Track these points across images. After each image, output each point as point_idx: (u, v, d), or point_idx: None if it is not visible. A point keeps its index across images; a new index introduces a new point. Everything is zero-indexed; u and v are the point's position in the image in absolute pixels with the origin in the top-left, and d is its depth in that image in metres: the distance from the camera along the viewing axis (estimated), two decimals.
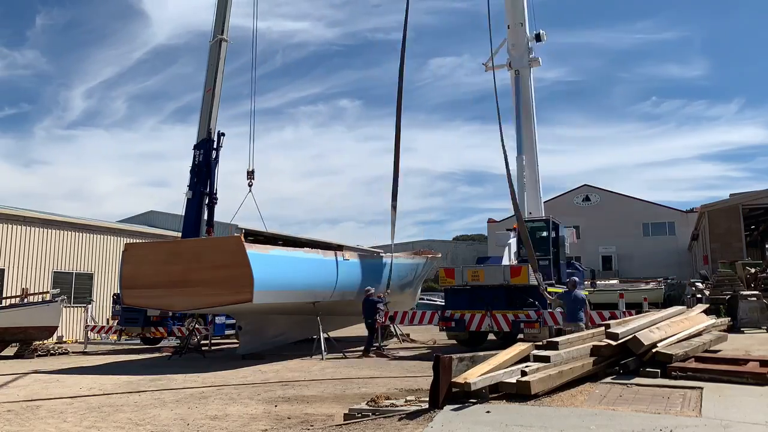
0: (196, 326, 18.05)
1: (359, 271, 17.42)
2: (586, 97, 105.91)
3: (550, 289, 15.87)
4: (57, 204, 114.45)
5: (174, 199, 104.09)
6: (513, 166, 17.27)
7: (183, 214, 18.63)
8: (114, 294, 21.05)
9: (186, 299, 13.89)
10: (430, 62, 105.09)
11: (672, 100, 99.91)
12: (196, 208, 18.46)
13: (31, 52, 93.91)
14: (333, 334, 16.42)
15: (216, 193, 18.81)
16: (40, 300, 19.69)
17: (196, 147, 18.83)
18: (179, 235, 30.17)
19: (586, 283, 21.26)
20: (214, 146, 18.92)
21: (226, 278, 13.32)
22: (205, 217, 18.76)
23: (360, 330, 22.39)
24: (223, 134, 19.18)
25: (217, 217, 19.35)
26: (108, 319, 22.51)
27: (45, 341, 18.68)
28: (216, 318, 19.81)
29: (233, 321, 20.28)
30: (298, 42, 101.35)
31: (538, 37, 19.61)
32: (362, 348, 16.17)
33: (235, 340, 20.42)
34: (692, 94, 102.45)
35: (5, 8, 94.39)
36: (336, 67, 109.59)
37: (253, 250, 13.56)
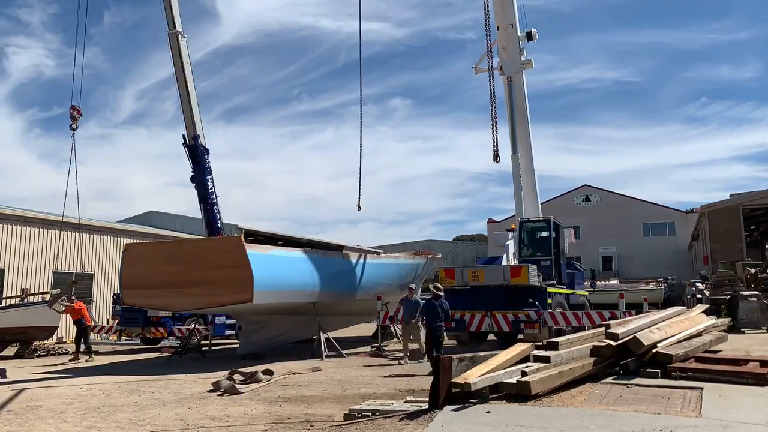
0: (196, 327, 18.04)
1: (360, 270, 17.41)
2: (636, 98, 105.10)
3: (550, 289, 15.90)
4: (84, 204, 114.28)
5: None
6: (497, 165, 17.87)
7: (182, 215, 18.40)
8: (114, 294, 21.05)
9: (186, 299, 13.89)
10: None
11: (721, 101, 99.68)
12: (205, 211, 18.11)
13: (93, 51, 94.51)
14: (333, 334, 16.39)
15: (213, 196, 18.12)
16: (40, 300, 19.70)
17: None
18: (179, 235, 30.27)
19: (586, 283, 21.24)
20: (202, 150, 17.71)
21: (226, 278, 13.31)
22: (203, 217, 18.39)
23: (360, 330, 22.39)
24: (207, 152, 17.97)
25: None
26: (108, 319, 22.52)
27: (45, 341, 18.67)
28: (216, 318, 19.81)
29: (233, 321, 20.31)
30: (364, 41, 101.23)
31: (529, 36, 18.99)
32: (363, 349, 16.19)
33: (235, 341, 20.45)
34: (741, 96, 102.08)
35: (75, 5, 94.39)
36: (396, 67, 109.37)
37: (253, 250, 13.56)
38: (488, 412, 6.50)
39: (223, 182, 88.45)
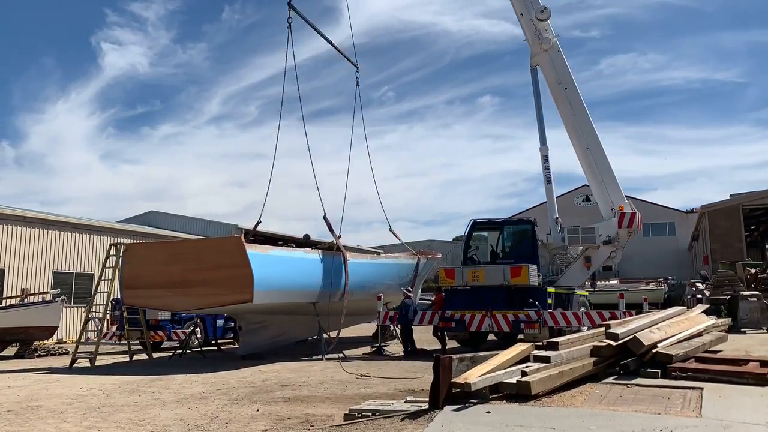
0: (195, 328, 18.03)
1: (359, 270, 17.39)
2: (723, 99, 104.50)
3: (550, 289, 15.90)
4: (133, 204, 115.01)
5: (249, 201, 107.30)
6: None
7: (184, 215, 18.44)
8: (113, 299, 21.02)
9: (186, 299, 13.89)
10: (601, 61, 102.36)
11: None
12: None
13: (199, 47, 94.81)
14: (333, 334, 16.37)
15: None
16: (40, 300, 19.69)
17: None
18: (179, 235, 30.26)
19: (586, 283, 21.25)
20: None
21: (226, 278, 13.32)
22: None
23: (360, 330, 22.39)
24: None
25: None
26: (108, 320, 22.49)
27: (45, 341, 18.67)
28: (216, 320, 19.82)
29: (233, 324, 20.33)
30: (475, 40, 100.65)
31: (537, 17, 17.51)
32: (364, 349, 16.18)
33: (232, 341, 20.46)
34: None
35: (196, 2, 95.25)
36: (501, 65, 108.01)
37: (253, 251, 13.55)
38: (488, 412, 6.50)
39: (282, 181, 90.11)
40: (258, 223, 15.99)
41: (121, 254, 15.08)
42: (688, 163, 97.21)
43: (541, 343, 8.79)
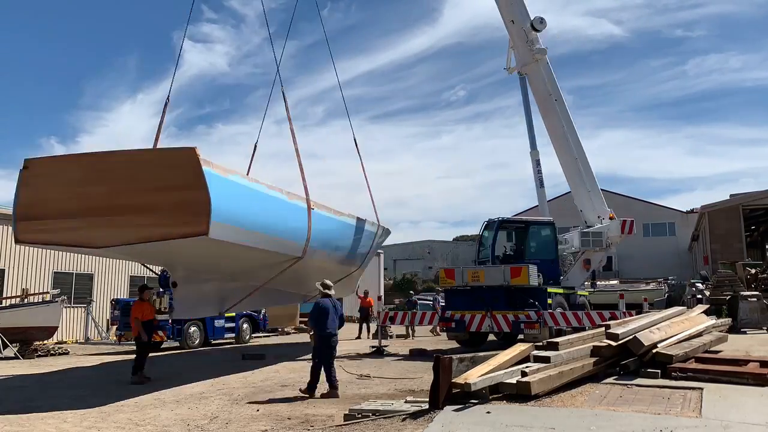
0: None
1: (327, 227, 14.17)
2: None
3: (550, 289, 15.90)
4: None
5: None
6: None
7: None
8: (112, 299, 21.00)
9: (112, 232, 10.21)
10: (689, 61, 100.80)
11: None
12: None
13: (289, 47, 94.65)
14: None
15: None
16: (40, 300, 19.67)
17: None
18: None
19: (586, 283, 21.27)
20: None
21: (172, 204, 9.92)
22: None
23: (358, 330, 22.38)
24: None
25: None
26: (108, 321, 22.50)
27: (45, 341, 18.66)
28: (215, 321, 19.79)
29: (233, 324, 20.29)
30: (569, 38, 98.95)
31: (533, 26, 17.31)
32: (364, 349, 16.11)
33: (234, 341, 20.47)
34: None
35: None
36: (589, 64, 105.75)
37: (211, 169, 10.04)
38: (488, 412, 6.50)
39: (333, 182, 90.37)
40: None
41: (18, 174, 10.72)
42: (734, 163, 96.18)
43: (541, 344, 8.80)
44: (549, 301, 15.42)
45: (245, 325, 21.07)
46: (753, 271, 23.67)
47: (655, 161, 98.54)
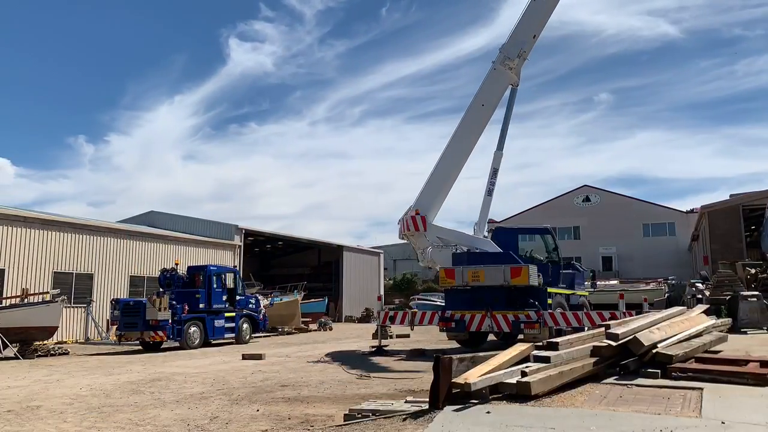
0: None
1: None
2: None
3: (550, 289, 15.91)
4: (198, 206, 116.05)
5: (309, 202, 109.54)
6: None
7: (182, 215, 17.97)
8: (112, 299, 21.00)
9: None
10: (739, 61, 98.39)
11: None
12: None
13: (336, 48, 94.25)
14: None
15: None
16: (40, 300, 19.68)
17: None
18: (180, 235, 30.25)
19: (586, 283, 21.27)
20: None
21: None
22: None
23: (360, 330, 22.39)
24: None
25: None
26: (108, 321, 22.51)
27: (45, 341, 18.66)
28: (215, 320, 19.82)
29: (233, 324, 20.38)
30: (623, 38, 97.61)
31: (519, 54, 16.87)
32: (363, 349, 16.09)
33: (234, 341, 20.48)
34: None
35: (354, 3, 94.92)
36: (637, 64, 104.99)
37: None
38: (488, 412, 6.50)
39: (360, 182, 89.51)
40: None
41: None
42: (759, 164, 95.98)
43: (541, 344, 8.79)
44: (549, 301, 15.43)
45: (245, 325, 21.10)
46: (753, 271, 23.67)
47: (682, 162, 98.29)
